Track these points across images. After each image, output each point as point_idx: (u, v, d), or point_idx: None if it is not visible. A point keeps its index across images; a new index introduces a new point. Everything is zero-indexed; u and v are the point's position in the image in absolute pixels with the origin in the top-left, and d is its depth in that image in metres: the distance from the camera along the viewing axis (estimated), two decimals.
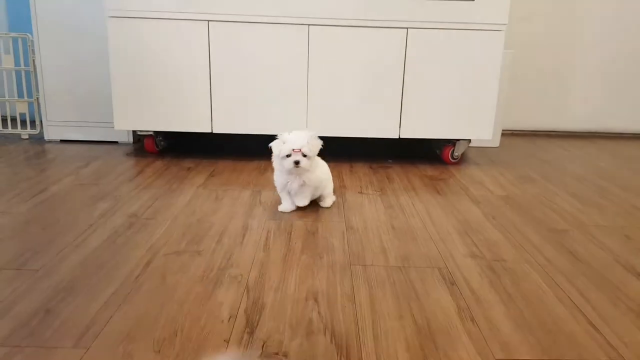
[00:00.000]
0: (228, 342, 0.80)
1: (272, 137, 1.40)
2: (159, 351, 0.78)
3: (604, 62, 2.76)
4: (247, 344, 0.80)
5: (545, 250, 1.22)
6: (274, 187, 1.46)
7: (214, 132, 1.95)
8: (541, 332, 0.87)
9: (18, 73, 2.32)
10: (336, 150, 2.27)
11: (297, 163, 1.34)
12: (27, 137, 2.32)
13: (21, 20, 2.53)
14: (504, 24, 1.87)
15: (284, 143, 1.35)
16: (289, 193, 1.43)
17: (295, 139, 1.35)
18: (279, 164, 1.39)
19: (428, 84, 1.92)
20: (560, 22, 2.70)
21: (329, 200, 1.50)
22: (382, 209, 1.48)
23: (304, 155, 1.34)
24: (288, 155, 1.34)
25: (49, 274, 1.02)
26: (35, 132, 2.31)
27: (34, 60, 2.20)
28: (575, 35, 2.72)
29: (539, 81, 2.78)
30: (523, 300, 0.98)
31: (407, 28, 1.87)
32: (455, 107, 1.95)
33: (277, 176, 1.43)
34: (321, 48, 1.88)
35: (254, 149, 2.12)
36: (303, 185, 1.40)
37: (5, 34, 2.29)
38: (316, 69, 1.90)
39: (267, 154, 1.42)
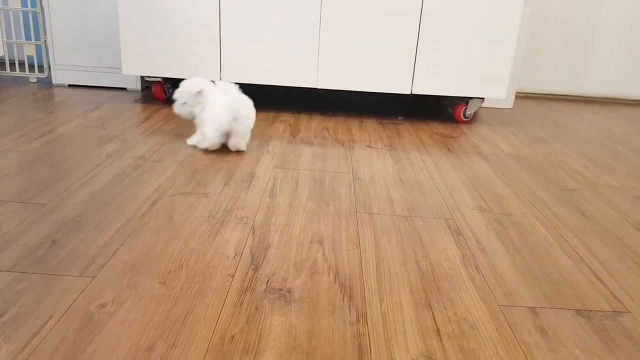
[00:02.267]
0: (233, 277, 0.81)
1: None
2: (164, 282, 0.78)
3: (628, 26, 2.65)
4: (252, 280, 0.80)
5: (554, 206, 1.21)
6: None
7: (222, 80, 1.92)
8: (546, 283, 0.87)
9: (25, 14, 2.27)
10: (346, 104, 2.24)
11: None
12: (35, 80, 2.30)
13: None
14: None
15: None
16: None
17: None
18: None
19: (444, 38, 1.86)
20: None
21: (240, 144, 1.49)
22: (390, 163, 1.47)
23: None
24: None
25: (55, 208, 1.02)
26: (44, 75, 2.29)
27: (41, 1, 2.14)
28: None
29: (558, 43, 2.69)
30: (529, 252, 0.97)
31: None
32: (470, 64, 1.89)
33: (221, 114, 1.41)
34: None
35: (262, 99, 2.08)
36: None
37: None
38: (329, 18, 1.84)
39: (276, 105, 1.39)
